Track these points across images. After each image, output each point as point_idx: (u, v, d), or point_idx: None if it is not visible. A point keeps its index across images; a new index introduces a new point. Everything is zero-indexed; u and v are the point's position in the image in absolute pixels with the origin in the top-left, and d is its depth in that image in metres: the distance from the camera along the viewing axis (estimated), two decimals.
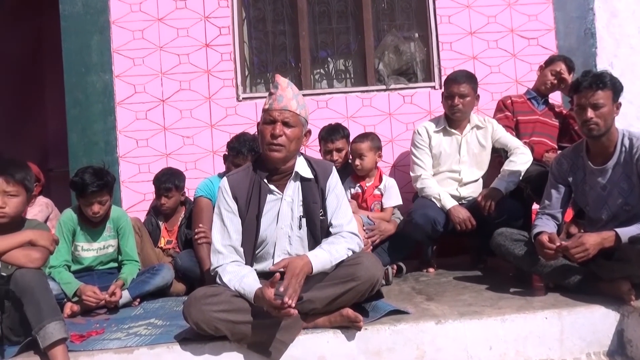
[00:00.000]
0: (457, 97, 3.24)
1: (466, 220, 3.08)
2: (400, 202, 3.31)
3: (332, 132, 3.44)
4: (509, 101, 3.57)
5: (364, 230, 3.07)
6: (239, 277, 2.13)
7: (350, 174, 3.39)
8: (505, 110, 3.54)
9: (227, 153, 3.26)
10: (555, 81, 3.54)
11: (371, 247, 3.06)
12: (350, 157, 3.42)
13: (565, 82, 3.48)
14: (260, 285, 2.07)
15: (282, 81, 2.25)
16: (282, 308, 1.96)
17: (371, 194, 3.33)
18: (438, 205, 3.17)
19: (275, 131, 2.18)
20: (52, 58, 4.39)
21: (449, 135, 3.34)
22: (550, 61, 3.60)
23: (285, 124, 2.20)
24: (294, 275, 2.02)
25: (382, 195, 3.33)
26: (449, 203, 3.16)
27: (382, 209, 3.32)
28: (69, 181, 2.97)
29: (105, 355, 2.13)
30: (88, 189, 2.82)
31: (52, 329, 2.05)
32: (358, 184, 3.35)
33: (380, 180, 3.35)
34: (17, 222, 2.31)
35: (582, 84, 2.49)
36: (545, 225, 2.60)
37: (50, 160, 4.85)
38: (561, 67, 3.52)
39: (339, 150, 3.42)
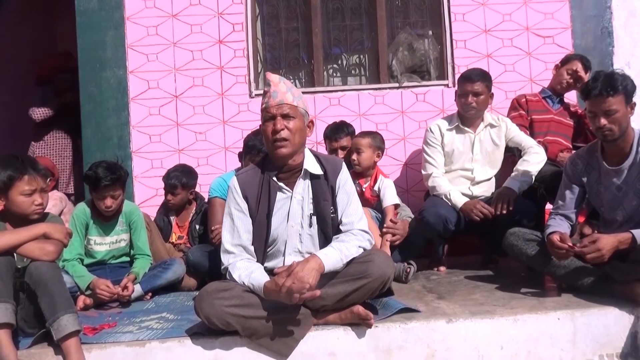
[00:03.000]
0: (471, 96, 3.22)
1: (480, 208, 3.06)
2: (397, 201, 3.27)
3: (337, 131, 3.43)
4: (524, 100, 3.55)
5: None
6: (248, 272, 2.14)
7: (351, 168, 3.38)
8: (520, 109, 3.52)
9: (243, 150, 3.27)
10: (571, 80, 3.51)
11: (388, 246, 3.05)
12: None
13: (582, 81, 3.45)
14: (268, 279, 2.08)
15: (273, 77, 2.25)
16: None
17: (368, 194, 3.33)
18: (449, 203, 3.16)
19: (276, 126, 2.18)
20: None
21: (462, 133, 3.33)
22: (566, 60, 3.57)
23: (285, 116, 2.19)
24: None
25: (377, 196, 3.31)
26: (461, 201, 3.14)
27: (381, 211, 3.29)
28: (83, 175, 3.01)
29: (117, 348, 2.16)
30: (101, 182, 2.84)
31: (66, 321, 2.08)
32: (357, 182, 3.32)
33: (376, 181, 3.33)
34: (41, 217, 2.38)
35: (592, 92, 2.43)
36: (558, 226, 2.58)
37: None
38: (577, 66, 3.49)
39: (343, 148, 3.41)
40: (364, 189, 3.31)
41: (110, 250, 3.03)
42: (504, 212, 3.03)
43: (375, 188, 3.31)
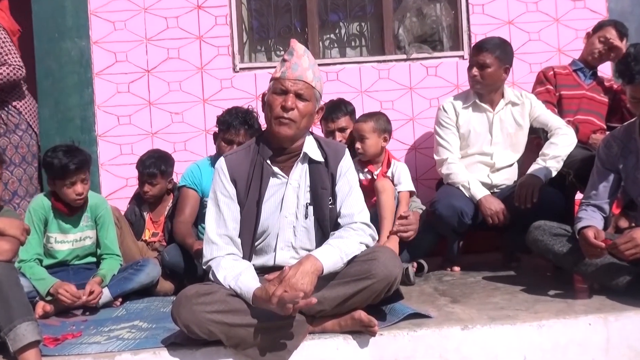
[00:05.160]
0: (475, 67, 3.24)
1: (499, 212, 3.08)
2: (412, 188, 3.29)
3: (333, 110, 3.42)
4: (551, 73, 3.55)
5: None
6: (235, 274, 2.15)
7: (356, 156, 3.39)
8: (547, 83, 3.53)
9: (217, 130, 3.27)
10: (605, 50, 3.51)
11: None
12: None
13: (617, 50, 3.45)
14: (259, 285, 2.09)
15: (299, 47, 2.26)
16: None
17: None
18: (467, 194, 3.17)
19: (287, 103, 2.19)
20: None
21: (480, 112, 3.34)
22: (598, 27, 3.57)
23: (299, 96, 2.21)
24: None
25: (392, 183, 3.32)
26: (480, 192, 3.16)
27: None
28: (43, 164, 3.00)
29: None
30: (69, 167, 2.85)
31: (24, 330, 2.08)
32: (366, 169, 3.33)
33: (389, 166, 3.34)
34: None
35: (636, 77, 2.40)
36: (590, 219, 2.60)
37: None
38: (611, 33, 3.49)
39: (342, 129, 3.40)
40: (375, 176, 3.32)
41: (73, 249, 3.03)
42: (529, 205, 3.05)
43: (389, 174, 3.31)
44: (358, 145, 3.29)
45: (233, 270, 2.17)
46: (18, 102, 3.60)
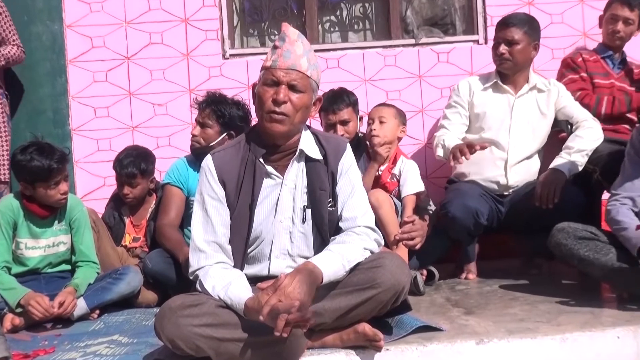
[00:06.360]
0: (503, 44, 3.25)
1: (464, 149, 2.96)
2: (420, 188, 3.30)
3: (335, 100, 3.42)
4: (580, 59, 3.54)
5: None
6: (225, 283, 2.14)
7: (364, 152, 3.39)
8: (580, 70, 3.51)
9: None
10: (619, 29, 3.50)
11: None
12: (367, 123, 3.42)
13: (631, 23, 3.46)
14: (251, 295, 2.09)
15: (292, 32, 2.24)
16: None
17: (386, 179, 3.34)
18: (441, 153, 3.21)
19: (279, 96, 2.18)
20: None
21: (500, 93, 3.36)
22: (607, 6, 3.58)
23: (292, 87, 2.20)
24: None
25: (398, 182, 3.33)
26: (451, 145, 3.12)
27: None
28: (15, 167, 2.98)
29: None
30: (53, 167, 2.86)
31: None
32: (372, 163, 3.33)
33: (395, 162, 3.35)
34: None
35: None
36: (626, 218, 2.60)
37: None
38: (619, 9, 3.49)
39: (344, 122, 3.40)
40: (380, 172, 3.32)
41: (45, 255, 3.03)
42: (550, 206, 3.05)
43: (395, 171, 3.32)
44: (375, 126, 3.29)
45: (223, 280, 2.16)
46: None
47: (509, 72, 3.33)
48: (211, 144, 3.13)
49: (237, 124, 3.19)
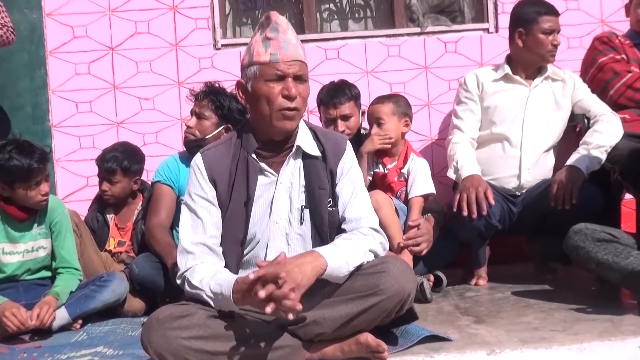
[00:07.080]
0: (555, 33, 3.29)
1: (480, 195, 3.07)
2: (428, 190, 3.27)
3: (335, 94, 3.41)
4: (617, 40, 3.47)
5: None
6: (212, 273, 2.15)
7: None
8: (620, 51, 3.43)
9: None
10: None
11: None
12: (368, 124, 3.41)
13: None
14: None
15: (282, 20, 2.23)
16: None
17: (392, 179, 3.33)
18: (453, 176, 3.26)
19: (291, 91, 2.17)
20: None
21: (513, 83, 3.37)
22: None
23: (298, 78, 2.20)
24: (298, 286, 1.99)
25: (405, 182, 3.31)
26: (468, 170, 3.18)
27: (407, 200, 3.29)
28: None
29: None
30: (33, 166, 2.86)
31: None
32: (380, 161, 3.34)
33: (405, 161, 3.33)
34: None
35: None
36: None
37: None
38: None
39: (345, 117, 3.39)
40: (386, 171, 3.31)
41: (24, 261, 3.03)
42: (567, 206, 3.05)
43: (405, 170, 3.31)
44: (375, 130, 3.28)
45: (211, 270, 2.16)
46: None
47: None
48: (207, 137, 3.13)
49: (235, 117, 3.19)
